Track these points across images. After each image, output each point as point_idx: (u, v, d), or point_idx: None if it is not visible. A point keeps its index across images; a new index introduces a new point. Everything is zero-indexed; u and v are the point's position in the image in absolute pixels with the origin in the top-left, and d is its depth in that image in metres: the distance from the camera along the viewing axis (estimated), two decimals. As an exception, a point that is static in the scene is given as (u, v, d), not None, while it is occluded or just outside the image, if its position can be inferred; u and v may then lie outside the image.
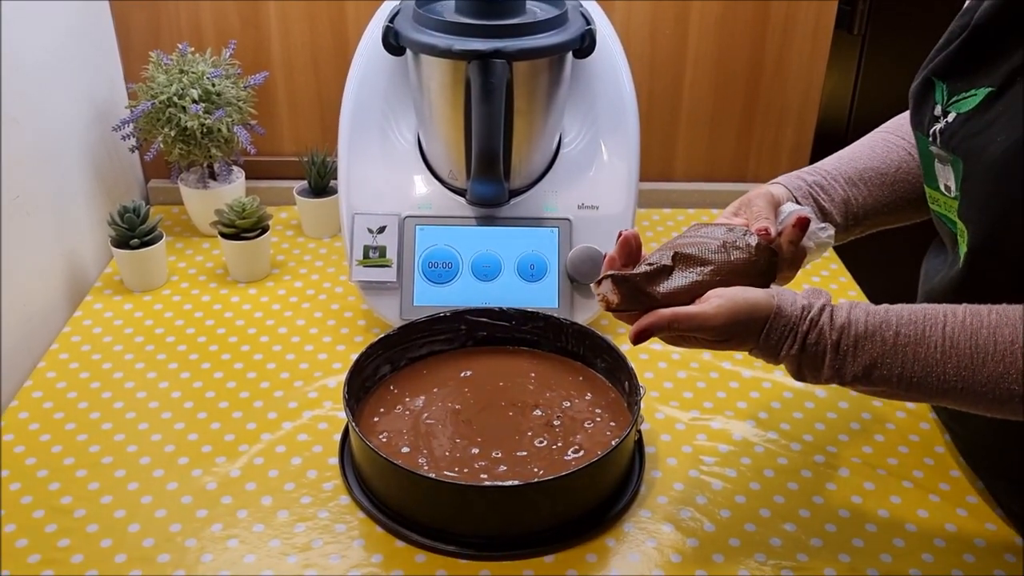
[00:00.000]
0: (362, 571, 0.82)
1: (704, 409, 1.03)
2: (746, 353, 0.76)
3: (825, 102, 1.47)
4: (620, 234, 0.79)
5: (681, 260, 0.78)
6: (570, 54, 1.08)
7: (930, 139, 0.80)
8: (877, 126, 0.96)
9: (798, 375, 0.75)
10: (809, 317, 0.72)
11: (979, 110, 0.74)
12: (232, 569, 0.82)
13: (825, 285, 1.27)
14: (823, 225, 0.83)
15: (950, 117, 0.77)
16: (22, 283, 1.10)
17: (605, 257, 0.80)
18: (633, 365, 0.95)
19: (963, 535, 0.87)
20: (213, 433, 0.99)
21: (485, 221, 1.13)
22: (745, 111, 1.44)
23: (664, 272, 0.77)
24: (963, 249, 0.77)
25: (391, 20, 1.07)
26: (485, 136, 1.03)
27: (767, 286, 0.77)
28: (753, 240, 0.79)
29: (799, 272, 0.84)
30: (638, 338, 0.75)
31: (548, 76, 1.07)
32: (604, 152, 1.15)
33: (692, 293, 0.76)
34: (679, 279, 0.77)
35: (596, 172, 1.15)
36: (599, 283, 0.78)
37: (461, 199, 1.13)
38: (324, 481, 0.92)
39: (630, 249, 0.79)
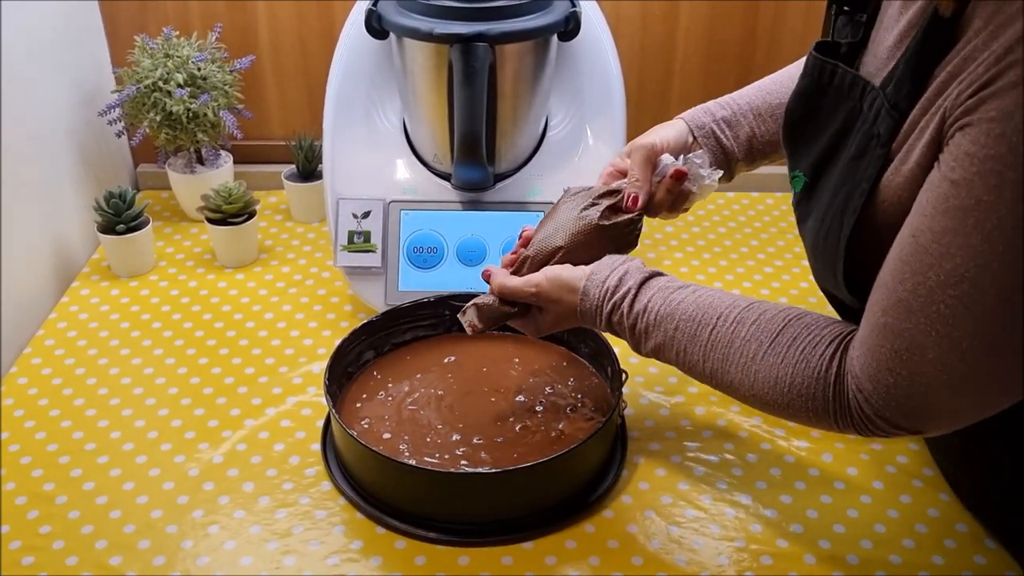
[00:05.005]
0: (341, 557, 0.83)
1: (689, 395, 1.03)
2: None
3: (818, 83, 1.46)
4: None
5: (530, 266, 0.86)
6: (555, 37, 1.07)
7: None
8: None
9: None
10: (612, 301, 0.79)
11: (803, 196, 0.76)
12: (212, 556, 0.83)
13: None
14: (708, 171, 0.87)
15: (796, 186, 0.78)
16: (9, 269, 1.09)
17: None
18: (617, 350, 0.95)
19: (944, 521, 0.87)
20: (197, 419, 0.99)
21: (470, 205, 1.12)
22: (737, 93, 1.43)
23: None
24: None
25: (374, 3, 1.06)
26: (467, 120, 1.02)
27: (623, 251, 0.86)
28: (594, 215, 0.85)
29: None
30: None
31: (532, 59, 1.06)
32: (589, 136, 1.14)
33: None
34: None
35: (582, 156, 1.14)
36: (464, 312, 0.86)
37: (446, 184, 1.12)
38: (306, 467, 0.92)
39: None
